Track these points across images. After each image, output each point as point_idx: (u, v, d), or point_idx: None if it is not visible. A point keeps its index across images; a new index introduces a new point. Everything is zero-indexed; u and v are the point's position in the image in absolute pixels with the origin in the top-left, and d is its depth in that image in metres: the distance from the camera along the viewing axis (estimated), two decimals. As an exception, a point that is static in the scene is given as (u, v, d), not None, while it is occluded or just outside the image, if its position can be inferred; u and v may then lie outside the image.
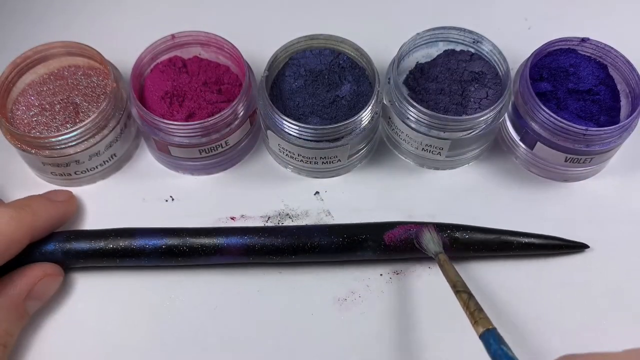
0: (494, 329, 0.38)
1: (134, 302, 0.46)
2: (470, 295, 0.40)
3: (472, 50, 0.52)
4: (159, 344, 0.45)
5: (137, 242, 0.45)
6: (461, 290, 0.41)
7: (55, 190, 0.49)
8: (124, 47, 0.52)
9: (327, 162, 0.49)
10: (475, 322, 0.38)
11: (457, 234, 0.46)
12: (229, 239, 0.45)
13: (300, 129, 0.46)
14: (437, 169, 0.53)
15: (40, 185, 0.51)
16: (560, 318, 0.46)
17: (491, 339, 0.37)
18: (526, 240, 0.47)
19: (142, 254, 0.45)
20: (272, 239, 0.46)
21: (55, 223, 0.46)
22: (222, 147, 0.49)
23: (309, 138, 0.47)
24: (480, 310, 0.39)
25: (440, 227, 0.46)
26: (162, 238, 0.45)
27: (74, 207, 0.48)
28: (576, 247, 0.48)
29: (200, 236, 0.46)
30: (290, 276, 0.47)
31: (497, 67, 0.50)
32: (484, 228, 0.47)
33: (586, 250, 0.48)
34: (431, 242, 0.45)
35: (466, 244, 0.46)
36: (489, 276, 0.47)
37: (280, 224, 0.49)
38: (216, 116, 0.47)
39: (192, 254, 0.45)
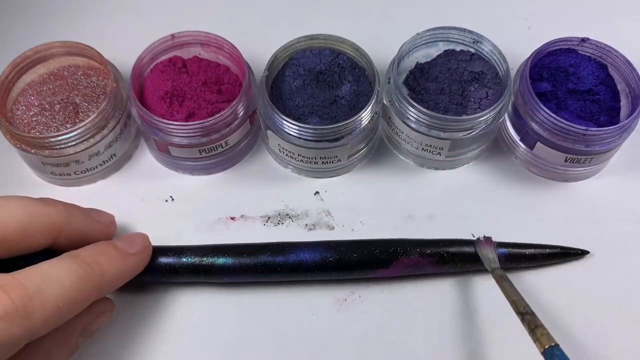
0: (557, 345, 0.39)
1: (131, 302, 0.46)
2: (532, 313, 0.40)
3: (472, 50, 0.52)
4: (158, 343, 0.45)
5: None
6: (523, 312, 0.40)
7: (131, 237, 0.44)
8: (124, 47, 0.52)
9: (327, 162, 0.49)
10: (538, 339, 0.39)
11: (456, 249, 0.46)
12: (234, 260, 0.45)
13: (300, 129, 0.46)
14: (437, 169, 0.53)
15: (40, 185, 0.51)
16: (560, 318, 0.46)
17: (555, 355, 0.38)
18: (529, 251, 0.47)
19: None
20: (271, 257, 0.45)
21: (123, 281, 0.41)
22: (222, 147, 0.49)
23: (309, 138, 0.47)
24: (543, 326, 0.39)
25: (436, 244, 0.46)
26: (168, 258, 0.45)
27: (147, 259, 0.44)
28: (576, 255, 0.48)
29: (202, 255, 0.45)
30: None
31: (497, 67, 0.50)
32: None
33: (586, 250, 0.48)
34: (485, 259, 0.45)
35: (470, 260, 0.46)
36: (489, 274, 0.47)
37: (280, 224, 0.49)
38: (216, 116, 0.47)
39: (192, 273, 0.45)
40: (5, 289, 0.33)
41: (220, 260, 0.45)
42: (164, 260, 0.44)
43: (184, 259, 0.45)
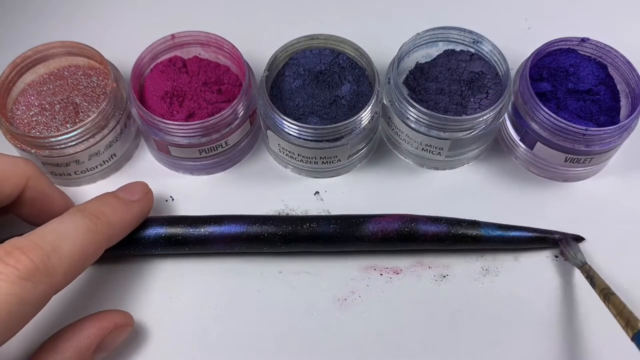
0: None
1: (132, 301, 0.46)
2: (623, 303, 0.41)
3: (472, 50, 0.52)
4: (158, 342, 0.45)
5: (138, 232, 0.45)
6: (612, 293, 0.42)
7: (131, 185, 0.46)
8: (124, 47, 0.52)
9: (327, 162, 0.49)
10: (630, 322, 0.39)
11: (453, 229, 0.46)
12: (226, 227, 0.46)
13: (300, 128, 0.46)
14: (437, 169, 0.53)
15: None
16: (559, 318, 0.46)
17: None
18: (524, 234, 0.47)
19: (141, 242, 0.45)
20: (268, 226, 0.46)
21: (130, 228, 0.44)
22: (222, 147, 0.50)
23: (309, 138, 0.47)
24: (630, 310, 0.40)
25: (434, 220, 0.47)
26: (161, 226, 0.46)
27: (150, 205, 0.46)
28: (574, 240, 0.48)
29: (198, 224, 0.46)
30: (290, 276, 0.47)
31: (497, 67, 0.50)
32: (481, 222, 0.47)
33: (586, 250, 0.48)
34: (573, 258, 0.46)
35: (462, 238, 0.46)
36: (489, 274, 0.47)
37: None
38: (216, 116, 0.47)
39: (189, 242, 0.46)
40: (24, 250, 0.35)
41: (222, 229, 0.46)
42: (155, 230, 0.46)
43: (178, 229, 0.46)
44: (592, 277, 0.44)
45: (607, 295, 0.42)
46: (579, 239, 0.48)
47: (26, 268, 0.34)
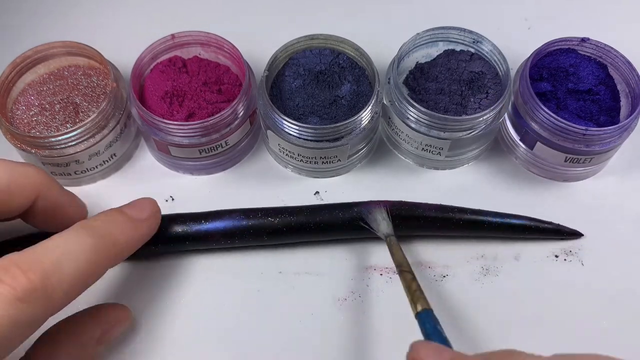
0: (431, 310, 0.39)
1: (132, 302, 0.46)
2: (414, 276, 0.41)
3: (472, 50, 0.52)
4: (157, 342, 0.45)
5: None
6: (405, 270, 0.42)
7: (140, 202, 0.43)
8: (124, 47, 0.52)
9: (327, 162, 0.49)
10: (413, 301, 0.39)
11: (456, 215, 0.47)
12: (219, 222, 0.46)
13: (300, 128, 0.46)
14: (437, 169, 0.53)
15: (40, 185, 0.51)
16: (559, 318, 0.46)
17: (427, 318, 0.38)
18: (524, 222, 0.48)
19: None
20: (256, 220, 0.46)
21: (135, 248, 0.41)
22: (222, 147, 0.50)
23: (309, 138, 0.47)
24: (421, 291, 0.40)
25: (443, 208, 0.47)
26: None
27: (157, 224, 0.44)
28: (570, 235, 0.49)
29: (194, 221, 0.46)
30: (290, 276, 0.47)
31: (497, 67, 0.50)
32: (479, 210, 0.48)
33: (586, 249, 0.48)
34: (383, 222, 0.45)
35: (465, 224, 0.47)
36: (489, 274, 0.48)
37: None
38: (216, 116, 0.47)
39: (191, 239, 0.46)
40: (23, 267, 0.33)
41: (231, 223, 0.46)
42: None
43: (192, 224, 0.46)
44: (391, 250, 0.44)
45: (402, 272, 0.42)
46: (577, 234, 0.49)
47: (23, 288, 0.32)
